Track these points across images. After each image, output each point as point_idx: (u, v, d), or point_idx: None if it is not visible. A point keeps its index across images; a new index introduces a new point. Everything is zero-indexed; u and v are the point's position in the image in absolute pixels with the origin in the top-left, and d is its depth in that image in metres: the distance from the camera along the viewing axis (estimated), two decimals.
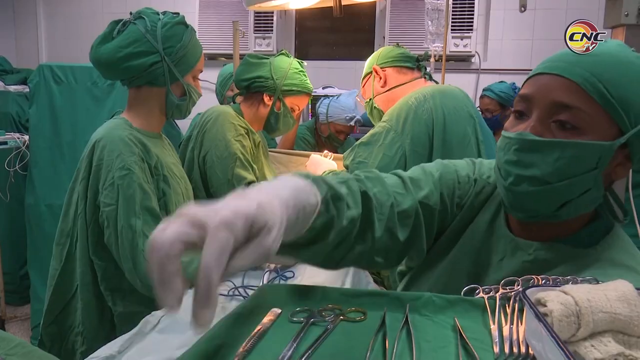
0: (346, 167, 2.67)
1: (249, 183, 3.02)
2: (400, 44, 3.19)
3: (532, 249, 1.41)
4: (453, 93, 2.79)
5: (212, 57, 6.73)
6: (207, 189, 3.09)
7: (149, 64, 2.41)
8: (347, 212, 1.28)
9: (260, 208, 0.83)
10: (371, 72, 3.05)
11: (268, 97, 3.22)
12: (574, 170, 1.27)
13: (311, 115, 6.02)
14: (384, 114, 2.91)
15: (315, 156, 3.28)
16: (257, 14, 6.48)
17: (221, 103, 4.60)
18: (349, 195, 1.32)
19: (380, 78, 2.99)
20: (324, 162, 3.13)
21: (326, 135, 4.90)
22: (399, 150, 2.58)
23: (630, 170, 1.37)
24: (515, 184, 1.34)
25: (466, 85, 6.06)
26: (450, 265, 1.60)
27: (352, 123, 4.76)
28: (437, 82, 3.14)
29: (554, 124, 1.29)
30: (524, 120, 1.36)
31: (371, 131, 2.71)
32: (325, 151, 3.52)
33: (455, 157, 2.52)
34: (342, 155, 3.07)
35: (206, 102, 3.75)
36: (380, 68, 3.00)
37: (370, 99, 3.06)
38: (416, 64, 3.03)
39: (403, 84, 2.95)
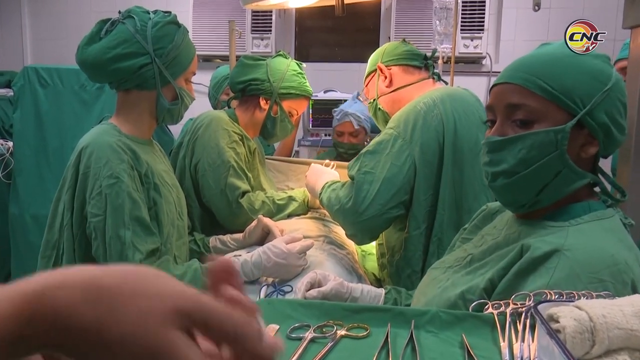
0: (351, 177, 2.62)
1: (243, 193, 3.04)
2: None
3: (520, 224, 1.70)
4: (463, 97, 2.76)
5: (206, 59, 6.74)
6: (200, 198, 3.09)
7: (139, 65, 2.39)
8: None
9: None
10: (375, 70, 3.01)
11: (264, 101, 3.20)
12: (536, 157, 1.56)
13: (312, 121, 6.04)
14: (388, 116, 2.90)
15: (315, 166, 3.25)
16: (255, 13, 6.49)
17: (215, 107, 4.59)
18: None
19: (386, 77, 2.94)
20: (325, 172, 3.09)
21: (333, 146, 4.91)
22: (407, 159, 2.55)
23: None
24: (493, 181, 1.67)
25: (476, 88, 6.00)
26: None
27: (337, 117, 4.76)
28: (446, 83, 3.11)
29: (514, 123, 1.61)
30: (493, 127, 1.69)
31: (377, 139, 2.67)
32: (327, 160, 3.50)
33: (467, 165, 2.53)
34: (345, 163, 3.05)
35: (199, 106, 3.75)
36: (385, 66, 2.95)
37: (374, 100, 3.02)
38: (424, 62, 2.98)
39: (410, 84, 2.91)
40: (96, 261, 2.34)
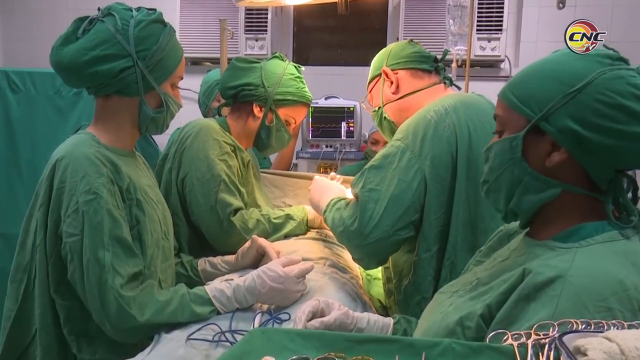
0: (355, 195, 2.60)
1: (236, 210, 3.03)
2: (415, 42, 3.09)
3: (529, 245, 1.74)
4: (478, 104, 2.74)
5: (195, 62, 6.75)
6: (188, 216, 3.08)
7: (119, 69, 2.38)
8: None
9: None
10: (380, 75, 2.98)
11: (258, 108, 3.20)
12: (498, 166, 1.73)
13: (311, 131, 6.02)
14: (395, 125, 2.89)
15: (319, 179, 3.21)
16: (249, 11, 6.49)
17: (205, 116, 4.59)
18: None
19: (392, 82, 2.92)
20: (330, 187, 3.04)
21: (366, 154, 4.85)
22: (417, 174, 2.51)
23: None
24: (482, 189, 1.84)
25: (494, 95, 5.93)
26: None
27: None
28: (459, 88, 3.09)
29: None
30: None
31: (382, 151, 2.65)
32: (332, 173, 3.47)
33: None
34: (352, 178, 3.02)
35: (187, 114, 3.74)
36: (391, 70, 2.92)
37: (379, 108, 3.00)
38: (434, 65, 2.95)
39: (419, 90, 2.89)
40: (72, 286, 2.33)
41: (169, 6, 6.48)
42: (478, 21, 6.04)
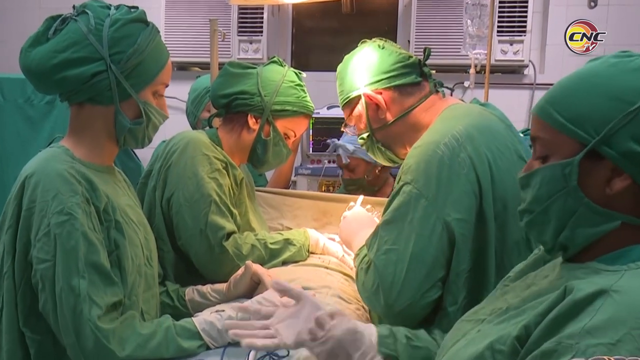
0: (372, 260, 2.49)
1: (229, 234, 3.02)
2: (414, 47, 2.91)
3: (569, 269, 1.71)
4: (491, 126, 2.63)
5: (182, 67, 6.76)
6: (174, 240, 3.07)
7: (90, 74, 2.37)
8: None
9: None
10: (359, 97, 2.86)
11: (254, 120, 3.19)
12: (547, 195, 1.67)
13: (312, 144, 5.98)
14: (392, 151, 2.85)
15: (351, 216, 3.11)
16: (242, 10, 6.50)
17: (194, 127, 4.57)
18: None
19: (378, 107, 2.80)
20: (362, 228, 2.94)
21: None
22: (436, 224, 2.38)
23: None
24: (520, 220, 1.80)
25: (517, 104, 6.03)
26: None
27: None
28: (452, 90, 2.98)
29: (537, 157, 1.72)
30: None
31: (391, 202, 2.52)
32: (351, 203, 3.37)
33: (510, 216, 2.41)
34: (382, 200, 2.90)
35: (174, 125, 3.74)
36: (374, 90, 2.81)
37: (368, 135, 2.90)
38: (420, 71, 2.81)
39: (412, 109, 2.77)
40: (44, 318, 2.32)
41: (153, 4, 6.47)
42: (499, 22, 6.02)
